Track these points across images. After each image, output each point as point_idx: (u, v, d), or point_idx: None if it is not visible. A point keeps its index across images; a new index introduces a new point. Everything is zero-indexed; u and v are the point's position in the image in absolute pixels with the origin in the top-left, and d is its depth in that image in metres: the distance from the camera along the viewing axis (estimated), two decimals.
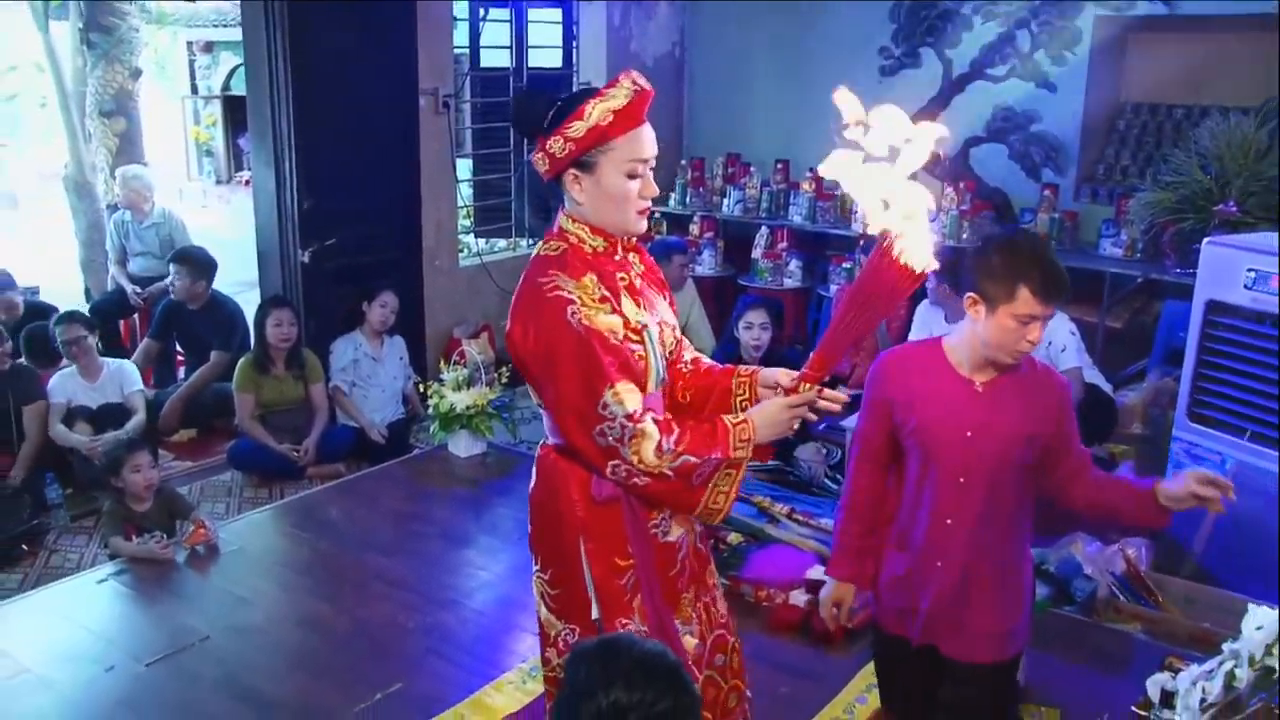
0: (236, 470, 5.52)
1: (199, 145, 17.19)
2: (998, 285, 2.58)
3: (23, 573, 4.54)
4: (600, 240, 2.21)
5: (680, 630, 2.28)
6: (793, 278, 7.15)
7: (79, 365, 5.39)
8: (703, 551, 2.41)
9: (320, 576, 4.10)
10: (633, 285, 2.22)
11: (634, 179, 2.15)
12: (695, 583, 2.36)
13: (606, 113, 2.09)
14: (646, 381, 2.16)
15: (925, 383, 2.74)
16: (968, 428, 2.68)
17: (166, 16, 13.82)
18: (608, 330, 2.09)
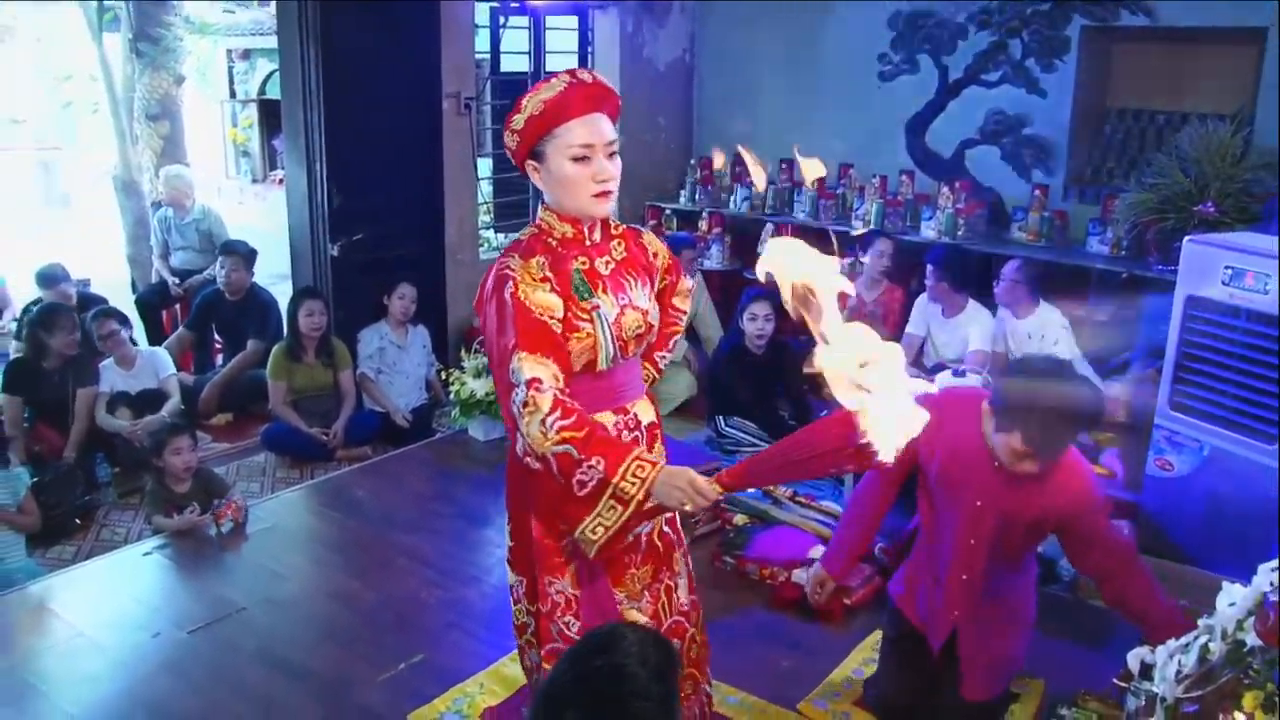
0: (270, 452, 5.55)
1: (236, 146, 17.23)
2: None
3: (76, 545, 4.62)
4: (568, 227, 2.22)
5: (625, 603, 2.26)
6: None
7: (114, 356, 5.44)
8: (669, 536, 2.36)
9: (349, 553, 4.12)
10: (594, 270, 2.20)
11: (580, 163, 2.14)
12: (656, 563, 2.32)
13: (538, 103, 2.13)
14: (597, 358, 2.17)
15: (954, 438, 2.69)
16: (978, 497, 2.69)
17: (208, 26, 13.89)
18: (540, 307, 2.09)
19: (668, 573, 2.34)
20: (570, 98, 2.13)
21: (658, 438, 2.36)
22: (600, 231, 2.27)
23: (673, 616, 2.35)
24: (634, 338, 2.24)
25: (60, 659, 3.37)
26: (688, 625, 2.39)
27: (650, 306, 2.29)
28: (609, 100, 2.22)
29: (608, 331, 2.17)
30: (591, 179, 2.16)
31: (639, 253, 2.35)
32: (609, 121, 2.20)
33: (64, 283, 6.23)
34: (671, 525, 2.38)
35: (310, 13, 5.54)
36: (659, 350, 2.52)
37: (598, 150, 2.16)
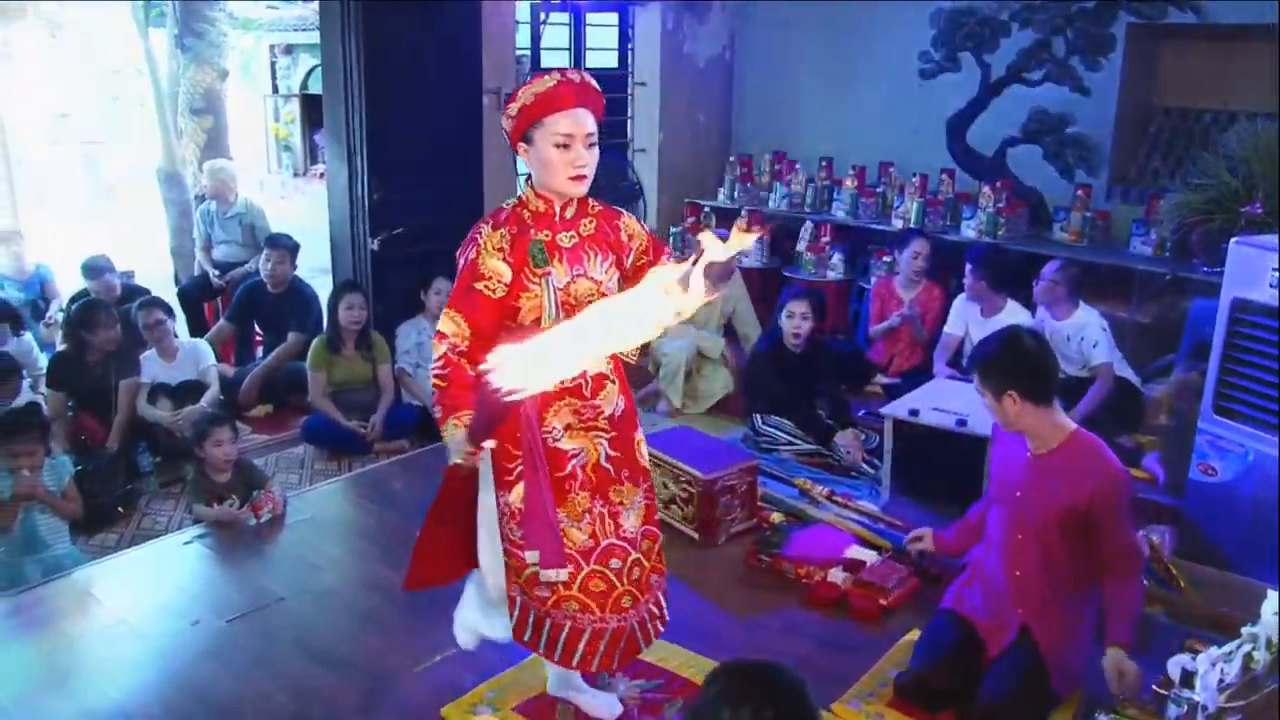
0: (309, 444, 5.59)
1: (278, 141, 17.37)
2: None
3: (119, 533, 4.69)
4: (542, 203, 2.60)
5: (566, 522, 2.62)
6: (835, 270, 7.10)
7: (158, 346, 5.51)
8: (608, 471, 2.67)
9: (386, 544, 4.14)
10: (554, 242, 2.56)
11: (562, 149, 2.51)
12: (596, 493, 2.66)
13: (530, 95, 2.51)
14: (540, 318, 2.53)
15: (1004, 438, 2.96)
16: (1018, 489, 2.86)
17: (252, 22, 14.02)
18: (490, 271, 2.52)
19: (604, 501, 2.66)
20: (559, 93, 2.50)
21: (603, 387, 2.66)
22: (575, 209, 2.63)
23: (611, 539, 2.68)
24: (584, 301, 2.54)
25: (104, 644, 3.42)
26: (631, 551, 2.71)
27: (606, 278, 2.61)
28: (593, 99, 2.58)
29: (553, 296, 2.53)
30: (570, 164, 2.52)
31: (610, 231, 2.68)
32: (591, 117, 2.56)
33: (109, 274, 6.34)
34: (628, 465, 2.70)
35: (353, 9, 5.57)
36: None
37: (578, 140, 2.52)
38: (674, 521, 4.15)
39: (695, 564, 3.90)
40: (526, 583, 2.66)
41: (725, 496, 4.06)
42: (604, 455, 2.66)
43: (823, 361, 5.40)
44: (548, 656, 2.74)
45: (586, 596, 2.66)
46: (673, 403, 6.18)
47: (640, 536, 2.74)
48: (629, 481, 2.72)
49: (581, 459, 2.63)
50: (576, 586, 2.65)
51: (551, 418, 2.59)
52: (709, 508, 4.02)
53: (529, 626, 2.71)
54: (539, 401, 2.54)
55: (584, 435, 2.63)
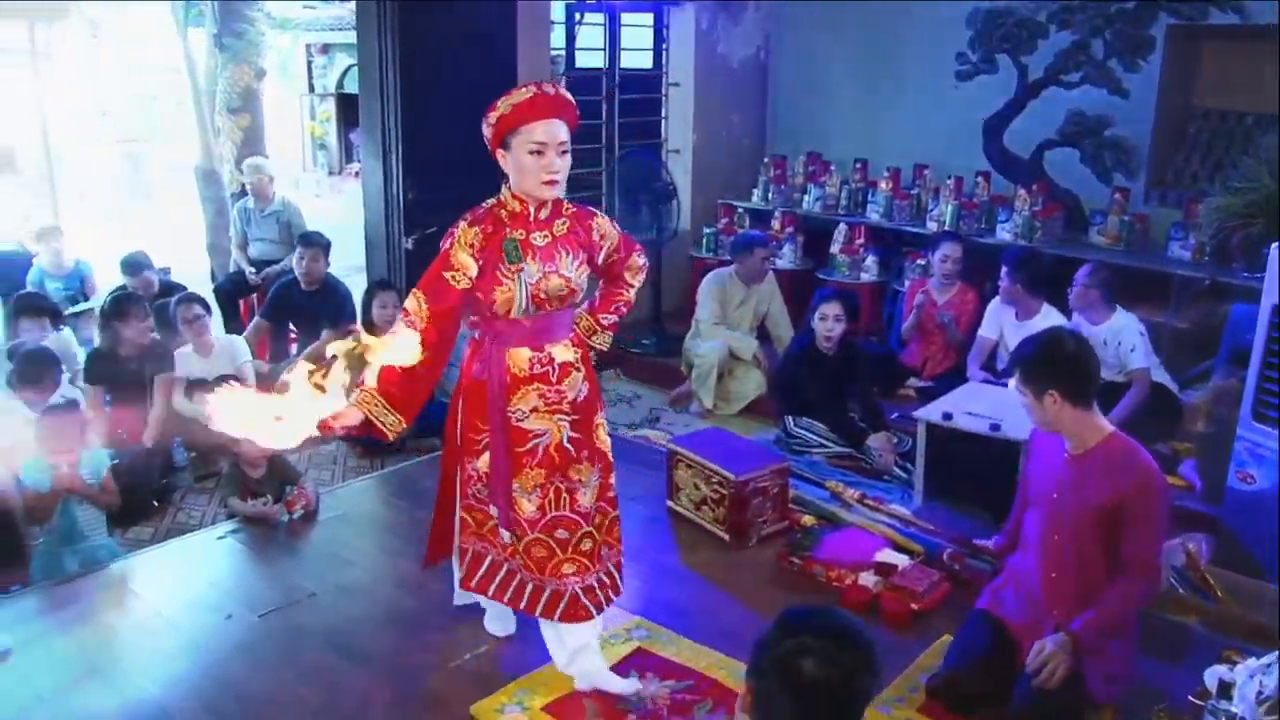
0: (341, 441, 5.62)
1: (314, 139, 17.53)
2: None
3: (154, 526, 4.77)
4: (518, 204, 2.81)
5: (519, 493, 2.89)
6: (869, 272, 7.06)
7: (195, 341, 5.57)
8: (569, 451, 2.91)
9: (416, 542, 4.13)
10: (528, 241, 2.79)
11: (536, 155, 2.72)
12: (556, 470, 2.90)
13: (509, 106, 2.73)
14: (511, 310, 2.79)
15: (1041, 440, 2.97)
16: (1054, 490, 2.86)
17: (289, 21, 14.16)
18: (458, 263, 2.77)
19: (561, 478, 2.91)
20: (534, 104, 2.72)
21: (569, 374, 2.90)
22: (549, 210, 2.84)
23: (564, 512, 2.93)
24: (556, 297, 2.82)
25: (140, 636, 3.45)
26: (583, 525, 2.96)
27: (575, 275, 2.85)
28: (567, 110, 2.78)
29: (524, 290, 2.77)
30: (544, 170, 2.73)
31: (582, 232, 2.90)
32: (565, 127, 2.76)
33: (147, 270, 6.41)
34: (588, 446, 2.95)
35: (389, 9, 5.62)
36: (602, 312, 3.15)
37: (550, 148, 2.72)
38: (705, 522, 4.15)
39: (726, 565, 3.90)
40: (490, 532, 3.01)
41: (757, 498, 4.05)
42: (566, 437, 2.90)
43: (855, 364, 5.38)
44: (484, 592, 3.10)
45: (528, 558, 2.95)
46: (705, 404, 6.18)
47: (594, 513, 2.99)
48: (587, 461, 2.96)
49: (545, 439, 2.89)
50: (521, 548, 2.95)
51: (518, 400, 2.85)
52: (740, 509, 4.01)
53: (478, 574, 3.10)
54: (508, 385, 2.84)
55: (549, 418, 2.88)
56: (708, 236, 7.76)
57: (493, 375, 2.85)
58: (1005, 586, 3.08)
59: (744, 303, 6.44)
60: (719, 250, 7.61)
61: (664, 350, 7.02)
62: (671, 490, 4.33)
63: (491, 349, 2.88)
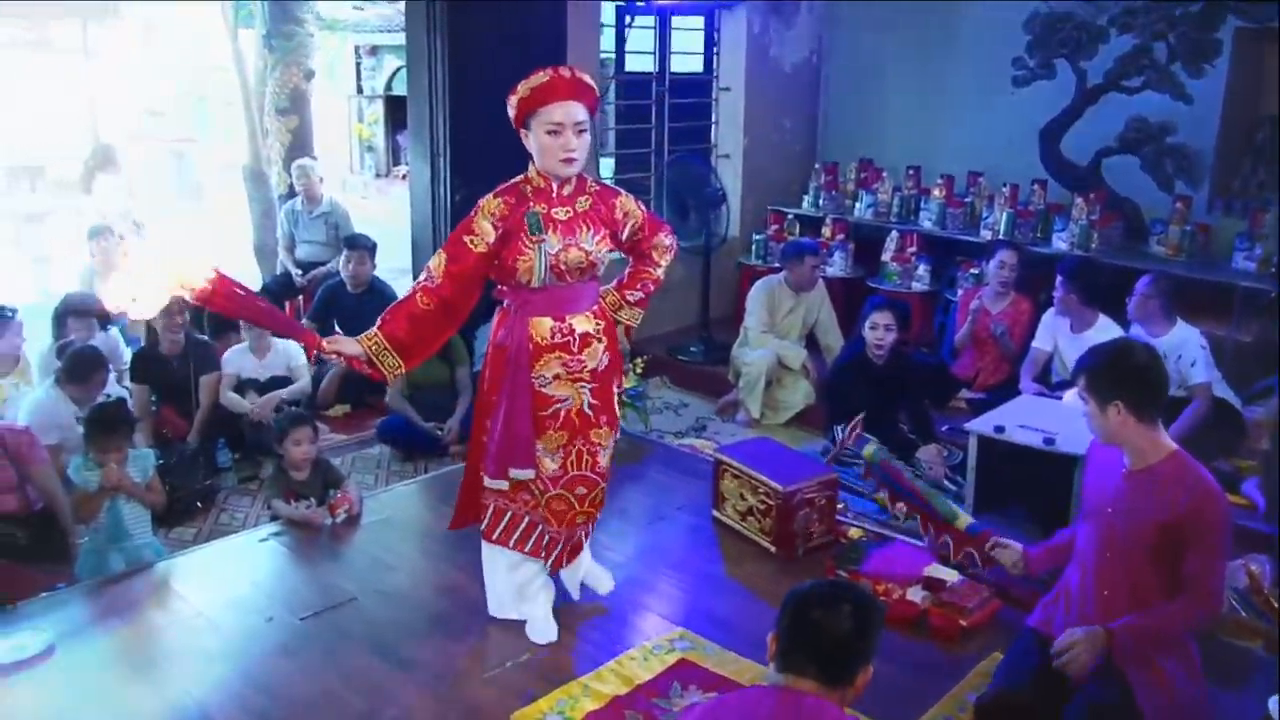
0: (385, 445, 5.68)
1: (362, 141, 17.70)
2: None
3: (197, 527, 4.85)
4: (541, 180, 3.06)
5: (541, 451, 3.16)
6: (921, 281, 7.02)
7: (253, 340, 5.66)
8: (589, 416, 3.17)
9: (458, 547, 4.17)
10: (550, 215, 3.03)
11: (553, 135, 2.95)
12: (574, 434, 3.17)
13: (528, 89, 2.96)
14: (531, 279, 3.04)
15: (1099, 453, 2.93)
16: (1110, 505, 2.81)
17: (338, 23, 14.30)
18: (478, 229, 3.03)
19: (583, 441, 3.19)
20: (551, 86, 2.94)
21: (589, 344, 3.14)
22: (573, 188, 3.08)
23: (586, 473, 3.23)
24: (575, 269, 3.05)
25: (182, 636, 3.50)
26: (600, 482, 3.29)
27: (595, 249, 3.08)
28: (585, 92, 2.98)
29: (543, 260, 3.00)
30: (561, 148, 2.96)
31: (604, 209, 3.14)
32: (582, 108, 2.97)
33: None
34: (607, 412, 3.21)
35: (438, 10, 5.68)
36: (629, 288, 3.39)
37: (567, 127, 2.95)
38: (750, 533, 4.14)
39: (771, 577, 3.88)
40: (514, 488, 3.22)
41: (803, 510, 4.03)
42: (586, 403, 3.16)
43: (906, 375, 5.34)
44: (506, 543, 3.32)
45: (548, 512, 3.23)
46: (752, 413, 6.16)
47: (608, 472, 3.32)
48: (606, 425, 3.23)
49: (567, 404, 3.14)
50: (544, 504, 3.21)
51: (542, 367, 3.10)
52: (787, 521, 3.99)
53: (499, 527, 3.32)
54: (531, 352, 3.08)
55: (570, 385, 3.12)
56: (757, 243, 7.74)
57: (515, 341, 3.09)
58: (1057, 604, 3.03)
59: (793, 311, 6.42)
60: (768, 257, 7.60)
61: (711, 358, 7.01)
62: (717, 500, 4.32)
63: (516, 317, 3.12)
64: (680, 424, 6.33)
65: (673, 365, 7.11)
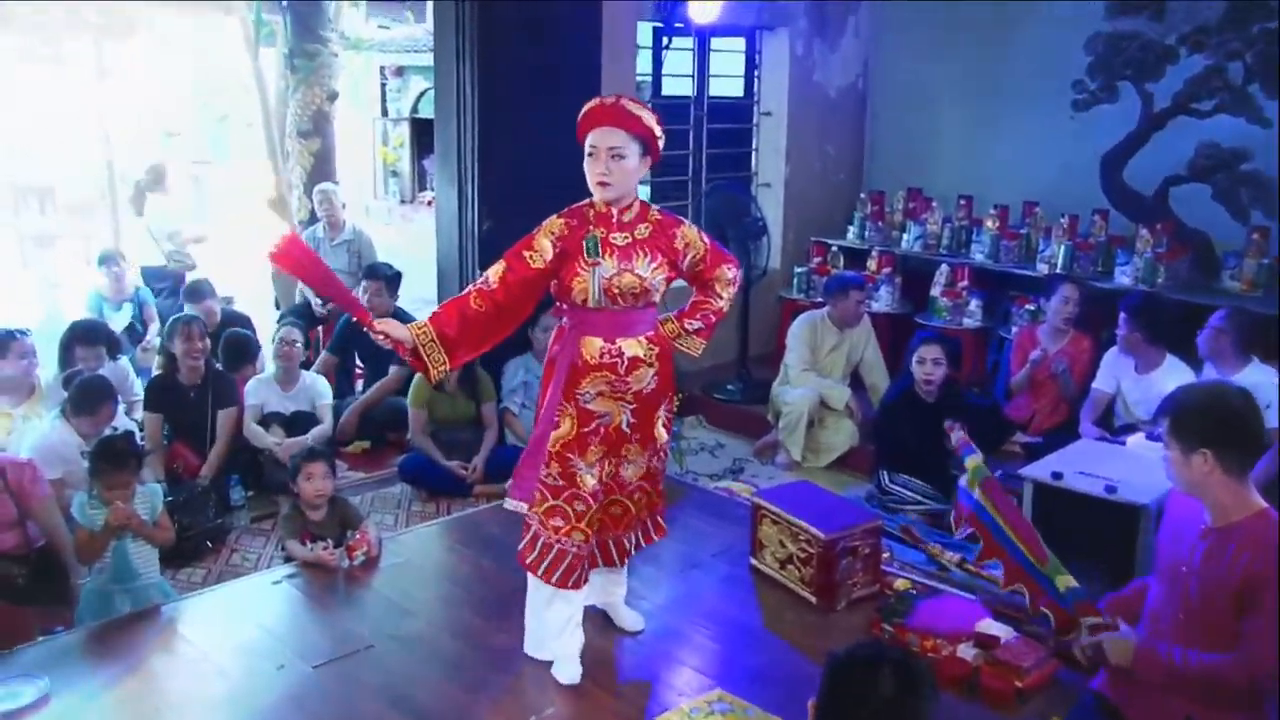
0: (406, 484, 5.71)
1: (386, 166, 17.87)
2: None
3: (207, 568, 4.88)
4: (603, 205, 3.29)
5: (582, 467, 3.33)
6: (973, 317, 6.99)
7: (282, 371, 5.73)
8: (625, 433, 3.38)
9: (481, 593, 4.18)
10: (608, 240, 3.24)
11: (590, 159, 3.24)
12: (610, 449, 3.37)
13: (580, 115, 3.28)
14: (585, 299, 3.24)
15: (1177, 506, 2.88)
16: (1185, 563, 2.74)
17: (362, 42, 14.46)
18: (537, 245, 3.27)
19: (615, 458, 3.40)
20: (591, 114, 3.25)
21: (637, 368, 3.30)
22: (634, 214, 3.31)
23: (619, 493, 3.46)
24: (629, 293, 3.24)
25: (188, 683, 3.51)
26: (628, 504, 3.50)
27: (651, 276, 3.26)
28: (625, 119, 3.22)
29: (597, 282, 3.21)
30: (594, 172, 3.23)
31: (664, 238, 3.32)
32: (621, 133, 3.21)
33: (209, 299, 6.58)
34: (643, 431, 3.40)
35: (468, 30, 5.73)
36: (688, 317, 3.54)
37: (601, 151, 3.20)
38: (790, 583, 4.12)
39: (812, 630, 3.85)
40: (546, 514, 3.35)
41: (846, 559, 4.00)
42: (625, 421, 3.36)
43: (958, 413, 5.31)
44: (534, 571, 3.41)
45: (589, 528, 3.36)
46: (792, 455, 6.15)
47: (634, 489, 3.49)
48: (638, 444, 3.43)
49: (606, 420, 3.34)
50: (584, 521, 3.34)
51: (587, 384, 3.29)
52: (828, 570, 3.97)
53: (534, 552, 3.40)
54: (578, 369, 3.28)
55: (612, 401, 3.32)
56: (799, 276, 7.75)
57: (565, 357, 3.31)
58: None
59: (837, 348, 6.41)
60: (811, 291, 7.60)
61: (750, 397, 7.01)
62: (755, 547, 4.30)
63: (570, 334, 3.34)
64: (717, 466, 6.31)
65: (709, 404, 7.11)
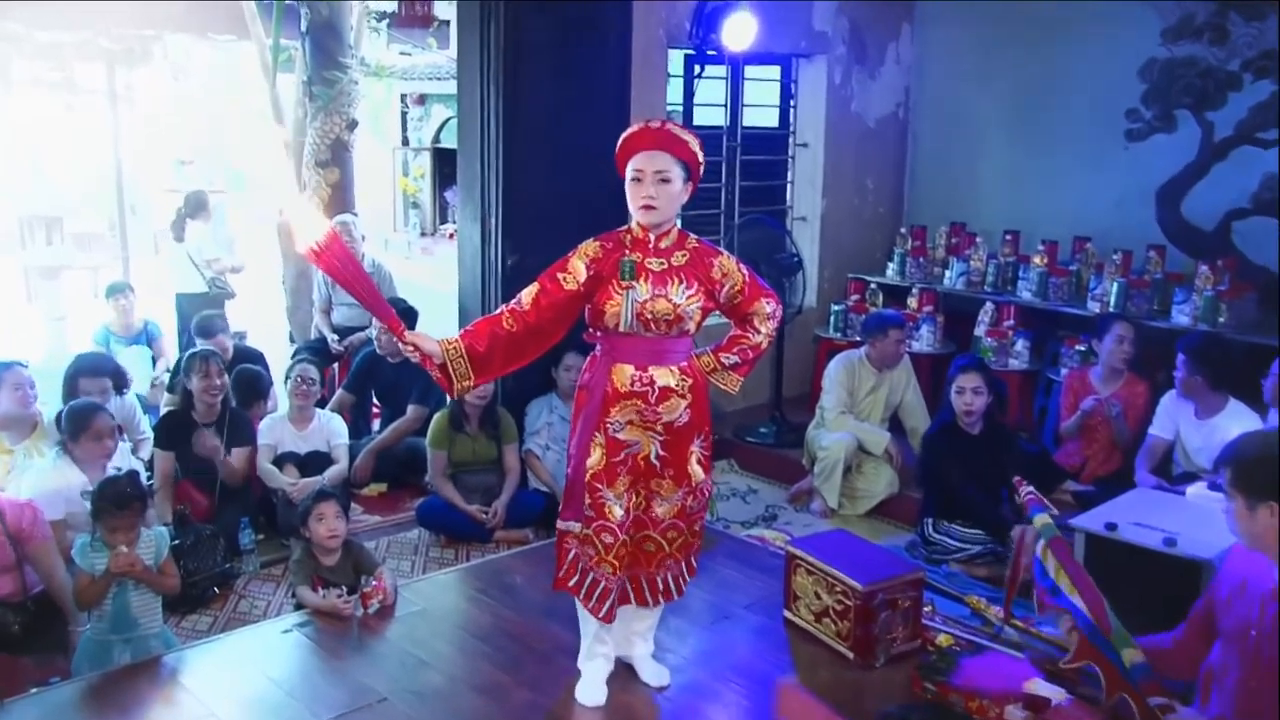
0: (424, 528, 5.72)
1: (406, 197, 18.02)
2: None
3: (212, 616, 4.87)
4: (640, 230, 3.40)
5: (610, 498, 3.41)
6: (1019, 359, 6.96)
7: (296, 410, 5.78)
8: (655, 466, 3.44)
9: (501, 644, 4.17)
10: (644, 265, 3.35)
11: (635, 183, 3.34)
12: (639, 480, 3.44)
13: (621, 141, 3.39)
14: (618, 324, 3.34)
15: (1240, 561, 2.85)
16: (1254, 625, 2.69)
17: (383, 69, 14.60)
18: (571, 268, 3.39)
19: (645, 489, 3.46)
20: (636, 137, 3.37)
21: (668, 398, 3.39)
22: (672, 241, 3.42)
23: (639, 515, 3.48)
24: (662, 320, 3.34)
25: None
26: (654, 535, 3.52)
27: (685, 303, 3.36)
28: (672, 143, 3.34)
29: (630, 307, 3.32)
30: (639, 195, 3.33)
31: (702, 267, 3.42)
32: (668, 158, 3.32)
33: (222, 333, 6.61)
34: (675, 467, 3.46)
35: (492, 58, 5.76)
36: (724, 351, 3.58)
37: (646, 174, 3.31)
38: (826, 637, 4.08)
39: (849, 687, 3.82)
40: (583, 541, 3.46)
41: (885, 612, 3.97)
42: (655, 452, 3.43)
43: (1005, 446, 5.27)
44: (576, 595, 3.52)
45: (616, 560, 3.44)
46: (828, 502, 6.12)
47: (667, 527, 3.52)
48: (671, 480, 3.48)
49: (635, 449, 3.42)
50: (612, 554, 3.42)
51: (617, 413, 3.39)
52: (866, 624, 3.94)
53: (575, 575, 3.50)
54: (609, 396, 3.37)
55: (641, 431, 3.40)
56: (836, 314, 7.74)
57: (597, 385, 3.42)
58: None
59: (875, 390, 6.39)
60: (848, 330, 7.59)
61: (784, 441, 6.99)
62: (789, 599, 4.28)
63: (601, 361, 3.45)
64: (749, 513, 6.29)
65: (741, 448, 7.09)
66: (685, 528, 3.57)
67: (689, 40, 7.02)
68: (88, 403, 5.07)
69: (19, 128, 14.35)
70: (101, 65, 12.24)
